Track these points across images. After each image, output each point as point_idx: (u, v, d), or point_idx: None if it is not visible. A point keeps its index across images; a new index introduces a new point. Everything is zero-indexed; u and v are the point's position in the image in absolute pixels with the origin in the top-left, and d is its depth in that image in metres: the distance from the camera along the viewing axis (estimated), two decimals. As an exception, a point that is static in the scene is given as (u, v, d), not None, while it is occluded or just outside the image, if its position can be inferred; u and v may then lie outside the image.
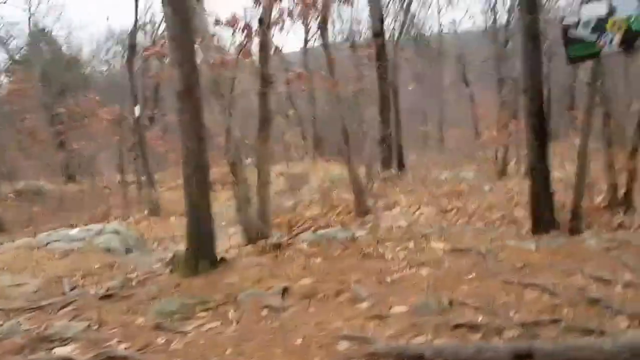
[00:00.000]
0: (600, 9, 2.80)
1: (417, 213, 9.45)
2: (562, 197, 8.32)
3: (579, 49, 2.82)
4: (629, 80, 13.53)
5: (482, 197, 10.19)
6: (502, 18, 26.76)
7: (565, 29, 2.81)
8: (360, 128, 12.39)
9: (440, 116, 25.18)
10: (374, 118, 14.54)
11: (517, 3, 6.48)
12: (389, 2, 16.73)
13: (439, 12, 24.68)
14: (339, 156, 23.05)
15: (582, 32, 2.78)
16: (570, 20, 2.82)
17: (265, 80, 7.03)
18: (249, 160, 13.02)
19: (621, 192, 7.95)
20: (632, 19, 2.71)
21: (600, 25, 2.81)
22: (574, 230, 6.71)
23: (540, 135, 6.70)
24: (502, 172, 13.03)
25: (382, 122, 13.51)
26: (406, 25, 14.86)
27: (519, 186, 10.52)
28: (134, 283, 5.62)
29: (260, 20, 6.45)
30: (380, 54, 13.95)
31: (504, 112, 17.80)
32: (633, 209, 7.65)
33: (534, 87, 6.58)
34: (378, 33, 14.14)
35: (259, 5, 5.75)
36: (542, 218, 6.81)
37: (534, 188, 6.82)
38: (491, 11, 26.88)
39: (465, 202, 9.86)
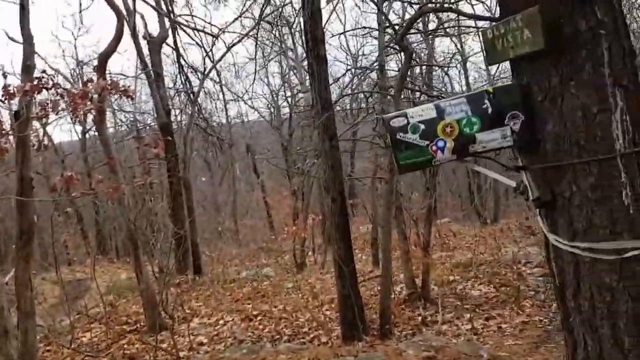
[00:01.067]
0: (429, 111, 2.37)
1: (220, 323, 8.48)
2: (362, 290, 8.23)
3: (410, 156, 2.34)
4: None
5: (287, 297, 9.67)
6: (286, 111, 28.30)
7: (393, 133, 2.32)
8: (151, 227, 11.20)
9: (233, 208, 24.85)
10: (166, 215, 13.46)
11: (311, 101, 6.33)
12: (175, 94, 16.16)
13: (225, 105, 24.97)
14: (126, 257, 21.00)
15: (412, 137, 2.31)
16: (398, 122, 2.35)
17: (25, 184, 5.66)
18: (10, 275, 10.75)
19: (419, 285, 8.10)
20: (464, 122, 2.41)
21: (430, 130, 2.43)
22: (385, 333, 6.47)
23: (346, 236, 6.47)
24: (301, 265, 12.83)
25: (174, 220, 12.43)
26: (195, 117, 14.33)
27: (322, 282, 10.30)
28: None
29: (16, 114, 5.22)
30: (169, 147, 13.09)
31: (297, 203, 18.14)
32: (431, 302, 7.78)
33: (335, 186, 6.38)
34: (165, 125, 13.32)
35: (9, 99, 4.58)
36: (353, 324, 6.47)
37: (343, 291, 6.48)
38: (273, 107, 28.27)
39: (270, 304, 9.21)
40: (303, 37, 6.57)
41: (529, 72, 2.45)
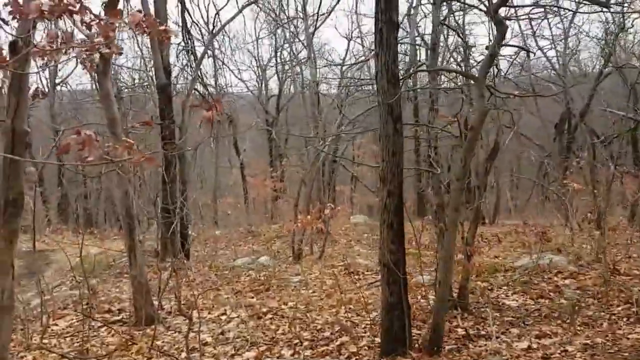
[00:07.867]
0: None
1: (224, 320, 7.39)
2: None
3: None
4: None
5: (296, 293, 8.61)
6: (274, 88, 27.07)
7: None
8: (138, 201, 9.96)
9: (214, 184, 23.56)
10: (157, 188, 12.11)
11: (376, 77, 5.26)
12: (178, 53, 14.64)
13: (216, 73, 23.55)
14: (95, 230, 19.47)
15: None
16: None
17: (17, 140, 4.41)
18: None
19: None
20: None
21: None
22: (435, 349, 5.52)
23: (401, 238, 5.47)
24: (298, 256, 11.77)
25: (165, 195, 11.06)
26: (196, 81, 12.90)
27: (329, 277, 9.25)
28: None
29: (13, 45, 3.95)
30: (166, 112, 11.68)
31: (277, 185, 16.91)
32: (469, 312, 6.91)
33: (395, 177, 5.34)
34: (164, 86, 11.87)
35: (23, 17, 3.32)
36: (398, 337, 5.53)
37: (391, 299, 5.49)
38: (261, 82, 26.96)
39: (279, 300, 8.16)
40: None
41: None
